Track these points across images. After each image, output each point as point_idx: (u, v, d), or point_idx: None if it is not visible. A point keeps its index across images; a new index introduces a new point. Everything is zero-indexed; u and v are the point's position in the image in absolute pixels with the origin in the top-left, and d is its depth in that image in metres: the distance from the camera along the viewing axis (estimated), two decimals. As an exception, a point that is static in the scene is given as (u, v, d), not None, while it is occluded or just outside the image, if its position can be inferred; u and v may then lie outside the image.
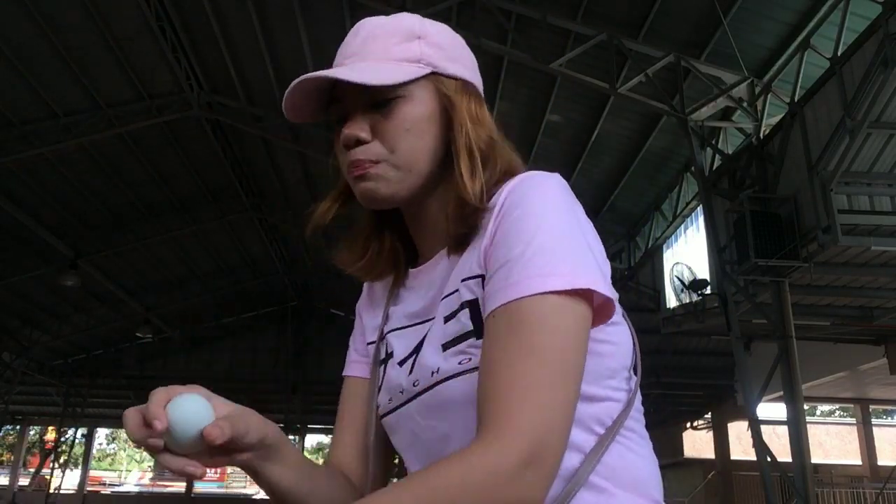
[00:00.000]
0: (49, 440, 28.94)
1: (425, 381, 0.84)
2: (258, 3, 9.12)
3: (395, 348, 0.92)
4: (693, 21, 7.94)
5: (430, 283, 0.91)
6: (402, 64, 0.88)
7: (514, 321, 0.73)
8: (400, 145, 0.86)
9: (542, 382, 0.70)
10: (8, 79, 9.69)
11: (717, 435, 16.99)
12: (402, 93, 0.87)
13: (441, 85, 0.89)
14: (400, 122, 0.86)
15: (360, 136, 0.87)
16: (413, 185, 0.88)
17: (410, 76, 0.87)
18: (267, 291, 19.90)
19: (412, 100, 0.87)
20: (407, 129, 0.86)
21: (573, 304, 0.74)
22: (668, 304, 11.16)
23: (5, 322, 16.94)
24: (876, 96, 6.05)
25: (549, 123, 9.88)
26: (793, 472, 7.24)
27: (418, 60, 0.89)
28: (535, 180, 0.82)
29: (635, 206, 11.87)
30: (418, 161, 0.87)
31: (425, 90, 0.88)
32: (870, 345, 11.26)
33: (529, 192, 0.80)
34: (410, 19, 0.92)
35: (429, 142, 0.88)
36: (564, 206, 0.80)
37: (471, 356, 0.79)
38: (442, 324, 0.85)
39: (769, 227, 7.32)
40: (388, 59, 0.88)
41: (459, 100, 0.90)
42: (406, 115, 0.87)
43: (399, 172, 0.87)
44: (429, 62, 0.89)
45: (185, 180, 13.26)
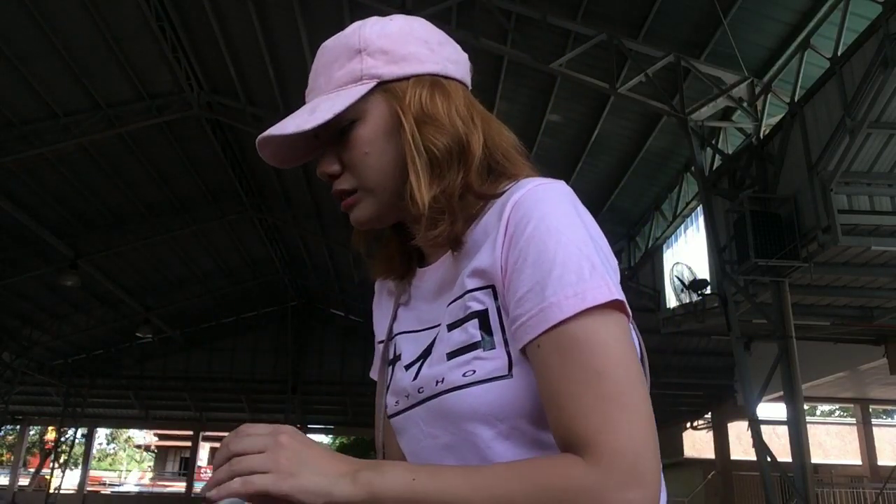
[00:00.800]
0: (49, 440, 28.96)
1: (430, 389, 0.83)
2: (258, 3, 9.12)
3: (403, 351, 0.92)
4: (693, 21, 7.94)
5: (438, 287, 0.90)
6: (345, 88, 0.86)
7: (565, 346, 0.72)
8: (364, 170, 0.86)
9: (621, 402, 0.70)
10: (8, 79, 9.70)
11: (717, 435, 16.99)
12: (354, 116, 0.86)
13: (390, 93, 0.87)
14: (358, 148, 0.86)
15: (329, 171, 0.88)
16: (387, 204, 0.88)
17: (349, 100, 0.85)
18: (267, 291, 19.91)
19: (365, 120, 0.86)
20: (366, 152, 0.86)
21: (614, 316, 0.74)
22: (668, 304, 11.16)
23: (5, 322, 16.95)
24: (876, 96, 6.05)
25: (549, 123, 9.88)
26: (793, 472, 7.24)
27: (360, 78, 0.87)
28: (545, 192, 0.80)
29: (635, 206, 11.87)
30: (385, 179, 0.86)
31: (376, 104, 0.86)
32: (870, 345, 11.26)
33: (540, 206, 0.79)
34: (352, 34, 0.89)
35: (391, 157, 0.86)
36: (577, 218, 0.79)
37: (475, 369, 0.79)
38: (447, 331, 0.84)
39: (769, 227, 7.31)
40: (332, 88, 0.87)
41: (407, 102, 0.86)
42: (361, 138, 0.86)
43: (373, 195, 0.87)
44: (372, 74, 0.87)
45: (185, 180, 13.27)
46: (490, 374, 0.78)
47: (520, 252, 0.77)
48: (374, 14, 0.95)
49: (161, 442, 39.58)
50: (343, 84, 0.87)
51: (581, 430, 0.69)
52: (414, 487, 0.70)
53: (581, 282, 0.73)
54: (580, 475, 0.67)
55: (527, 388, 0.77)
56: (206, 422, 23.62)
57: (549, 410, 0.73)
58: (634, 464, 0.67)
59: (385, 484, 0.70)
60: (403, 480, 0.70)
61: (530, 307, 0.74)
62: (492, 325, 0.80)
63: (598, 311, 0.73)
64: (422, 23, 0.92)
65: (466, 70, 0.94)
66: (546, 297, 0.73)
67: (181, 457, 38.37)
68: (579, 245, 0.76)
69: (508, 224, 0.79)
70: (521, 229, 0.78)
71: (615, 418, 0.69)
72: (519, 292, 0.76)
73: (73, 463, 27.40)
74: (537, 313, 0.73)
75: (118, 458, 42.96)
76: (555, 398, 0.72)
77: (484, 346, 0.80)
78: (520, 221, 0.78)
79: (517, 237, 0.78)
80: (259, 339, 21.66)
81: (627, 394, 0.70)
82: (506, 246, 0.79)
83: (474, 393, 0.78)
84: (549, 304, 0.73)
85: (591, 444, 0.68)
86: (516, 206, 0.80)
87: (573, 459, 0.69)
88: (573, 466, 0.68)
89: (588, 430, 0.69)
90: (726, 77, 8.21)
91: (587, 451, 0.68)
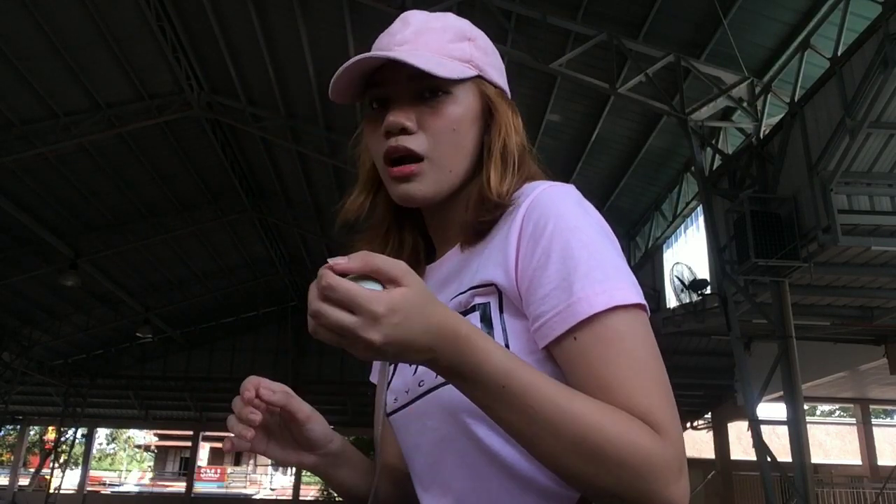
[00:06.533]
0: (49, 440, 28.94)
1: (429, 382, 0.84)
2: (258, 2, 9.12)
3: None
4: (693, 21, 7.94)
5: (443, 282, 0.91)
6: (454, 62, 0.88)
7: (608, 337, 0.73)
8: (444, 144, 0.87)
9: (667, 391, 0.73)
10: (8, 79, 9.69)
11: (717, 435, 17.00)
12: (452, 90, 0.87)
13: (485, 89, 0.91)
14: (447, 121, 0.86)
15: (406, 124, 0.85)
16: (452, 186, 0.89)
17: (465, 74, 0.88)
18: (267, 291, 19.90)
19: (457, 99, 0.88)
20: (454, 128, 0.87)
21: (642, 316, 0.76)
22: (668, 304, 11.16)
23: (5, 322, 16.94)
24: (876, 96, 6.05)
25: (549, 123, 9.88)
26: (793, 472, 7.24)
27: (469, 61, 0.90)
28: (558, 193, 0.83)
29: (635, 206, 11.87)
30: (459, 162, 0.88)
31: (470, 92, 0.89)
32: (870, 345, 11.26)
33: (557, 205, 0.80)
34: (459, 20, 0.93)
35: (469, 143, 0.89)
36: (591, 217, 0.81)
37: None
38: None
39: (769, 227, 7.31)
40: (442, 54, 0.88)
41: (500, 106, 0.91)
42: (453, 114, 0.87)
43: (440, 173, 0.87)
44: (477, 65, 0.90)
45: (185, 180, 13.27)
46: None
47: (542, 250, 0.77)
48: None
49: (161, 442, 39.55)
50: (453, 56, 0.89)
51: (648, 407, 0.70)
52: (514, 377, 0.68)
53: (607, 280, 0.75)
54: (660, 449, 0.68)
55: None
56: (206, 422, 23.60)
57: (596, 393, 0.72)
58: (684, 455, 0.71)
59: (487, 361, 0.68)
60: (504, 365, 0.69)
61: (557, 303, 0.75)
62: (492, 319, 0.81)
63: (627, 309, 0.74)
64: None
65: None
66: (574, 292, 0.74)
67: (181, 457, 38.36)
68: (599, 244, 0.78)
69: (524, 225, 0.80)
70: (540, 228, 0.79)
71: (672, 408, 0.72)
72: (543, 289, 0.76)
73: (73, 463, 27.39)
74: (565, 308, 0.74)
75: (118, 458, 42.94)
76: (606, 380, 0.72)
77: None
78: (538, 221, 0.79)
79: (537, 236, 0.78)
80: (259, 339, 21.65)
81: (670, 391, 0.74)
82: (523, 244, 0.80)
83: None
84: (577, 299, 0.74)
85: (661, 423, 0.70)
86: (531, 208, 0.81)
87: (651, 431, 0.69)
88: (653, 436, 0.69)
89: (654, 409, 0.70)
90: (726, 77, 8.21)
91: (657, 429, 0.70)
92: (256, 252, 17.17)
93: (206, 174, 13.32)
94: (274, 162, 13.27)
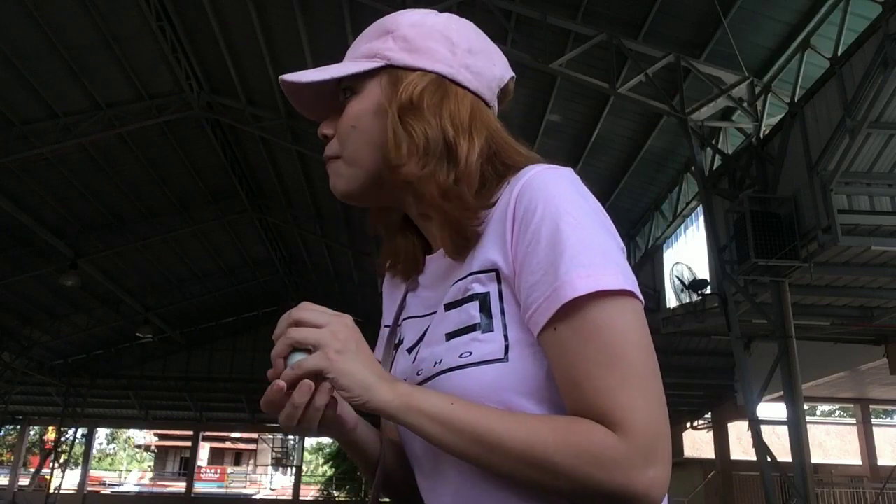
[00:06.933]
0: (49, 440, 28.94)
1: (427, 370, 0.83)
2: (258, 3, 9.12)
3: (406, 335, 0.93)
4: (693, 21, 7.94)
5: (443, 273, 0.90)
6: (358, 61, 0.90)
7: (585, 330, 0.72)
8: (346, 142, 0.89)
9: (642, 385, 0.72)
10: (8, 79, 9.70)
11: (717, 435, 17.00)
12: (356, 89, 0.89)
13: (394, 78, 0.88)
14: (347, 119, 0.89)
15: (324, 132, 0.92)
16: (363, 181, 0.89)
17: (349, 70, 0.89)
18: (267, 291, 19.91)
19: (362, 95, 0.89)
20: (353, 125, 0.88)
21: (630, 303, 0.74)
22: (668, 304, 11.16)
23: (5, 322, 16.95)
24: (876, 96, 6.05)
25: (549, 123, 9.88)
26: (793, 472, 7.24)
27: (373, 56, 0.89)
28: (552, 175, 0.80)
29: (635, 206, 11.87)
30: (362, 156, 0.88)
31: (377, 84, 0.89)
32: (870, 345, 11.26)
33: (547, 189, 0.78)
34: (391, 17, 0.92)
35: (374, 136, 0.87)
36: (584, 201, 0.79)
37: (472, 350, 0.79)
38: (444, 311, 0.85)
39: (769, 227, 7.31)
40: (351, 58, 0.92)
41: (400, 91, 0.86)
42: (352, 111, 0.89)
43: (350, 168, 0.89)
44: (385, 56, 0.89)
45: (185, 180, 13.27)
46: (486, 356, 0.78)
47: (532, 235, 0.76)
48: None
49: (161, 442, 39.57)
50: (360, 57, 0.91)
51: (607, 407, 0.70)
52: (451, 409, 0.72)
53: (593, 265, 0.73)
54: (613, 445, 0.69)
55: (522, 372, 0.77)
56: (206, 422, 23.63)
57: (568, 390, 0.73)
58: (655, 444, 0.70)
59: (424, 400, 0.73)
60: (442, 402, 0.73)
61: (545, 289, 0.74)
62: (492, 309, 0.80)
63: (614, 296, 0.73)
64: (464, 26, 0.93)
65: (491, 87, 0.93)
66: (559, 275, 0.73)
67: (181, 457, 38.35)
68: (590, 228, 0.77)
69: (517, 208, 0.79)
70: (530, 213, 0.77)
71: (639, 400, 0.70)
72: (534, 276, 0.75)
73: (73, 463, 27.39)
74: (551, 293, 0.73)
75: (118, 458, 42.95)
76: (576, 378, 0.72)
77: (482, 329, 0.79)
78: (528, 205, 0.78)
79: (527, 221, 0.77)
80: (259, 340, 21.65)
81: (647, 378, 0.72)
82: (516, 230, 0.78)
83: (469, 375, 0.78)
84: (561, 282, 0.72)
85: (618, 420, 0.70)
86: (522, 191, 0.79)
87: (604, 429, 0.70)
88: (606, 436, 0.69)
89: (614, 408, 0.70)
90: (726, 77, 8.21)
91: (614, 427, 0.70)
92: (256, 252, 17.17)
93: (206, 174, 13.32)
94: (274, 162, 13.27)
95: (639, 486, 0.68)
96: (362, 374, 0.73)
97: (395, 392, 0.74)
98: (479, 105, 0.90)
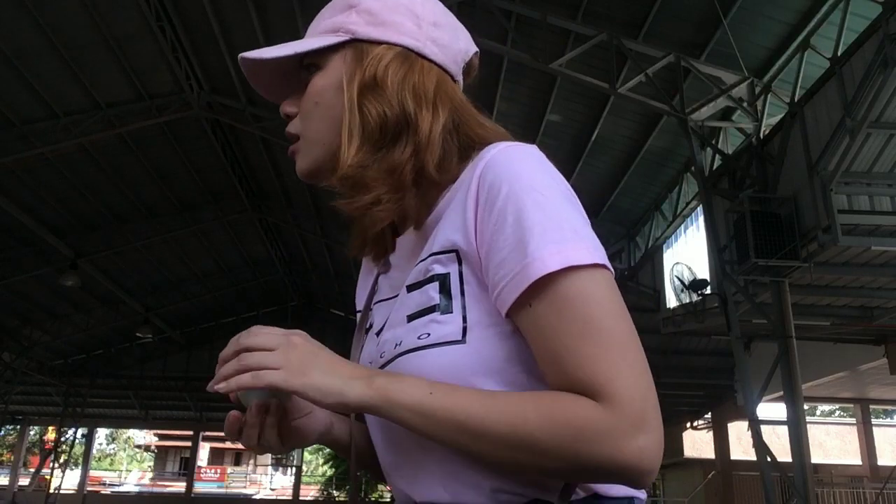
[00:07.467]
0: (49, 440, 28.94)
1: (389, 352, 0.82)
2: (258, 3, 9.12)
3: (375, 319, 0.92)
4: (693, 21, 7.94)
5: (408, 255, 0.89)
6: (322, 35, 0.88)
7: (559, 303, 0.71)
8: (308, 120, 0.87)
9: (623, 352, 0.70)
10: (8, 79, 9.69)
11: (717, 435, 17.00)
12: (320, 64, 0.87)
13: (357, 52, 0.86)
14: (309, 96, 0.87)
15: (286, 111, 0.90)
16: (324, 159, 0.87)
17: (311, 46, 0.86)
18: (267, 291, 19.91)
19: (325, 71, 0.87)
20: (315, 102, 0.86)
21: (601, 273, 0.73)
22: (668, 304, 11.16)
23: (5, 322, 16.95)
24: (876, 96, 6.05)
25: (549, 123, 9.88)
26: (793, 472, 7.24)
27: (338, 29, 0.87)
28: (516, 153, 0.79)
29: (635, 206, 11.86)
30: (325, 134, 0.86)
31: (341, 59, 0.86)
32: (870, 345, 11.27)
33: (513, 166, 0.77)
34: None
35: (337, 112, 0.85)
36: (550, 177, 0.78)
37: (430, 332, 0.78)
38: (406, 293, 0.84)
39: (769, 227, 7.31)
40: (313, 33, 0.89)
41: (364, 65, 0.85)
42: (314, 87, 0.87)
43: (311, 147, 0.87)
44: (348, 30, 0.87)
45: (185, 180, 13.27)
46: (443, 338, 0.77)
47: (498, 213, 0.75)
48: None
49: (161, 442, 39.56)
50: (323, 32, 0.88)
51: (589, 378, 0.69)
52: (430, 400, 0.71)
53: (564, 241, 0.72)
54: (597, 417, 0.67)
55: (480, 354, 0.76)
56: (206, 422, 23.61)
57: (549, 366, 0.72)
58: (643, 410, 0.68)
59: (401, 391, 0.72)
60: (420, 391, 0.72)
61: (513, 266, 0.73)
62: (451, 290, 0.79)
63: (584, 269, 0.72)
64: (432, 1, 0.91)
65: (456, 60, 0.92)
66: (528, 253, 0.72)
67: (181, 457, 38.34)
68: (557, 204, 0.75)
69: (480, 187, 0.78)
70: (495, 191, 0.76)
71: (621, 367, 0.69)
72: (500, 254, 0.74)
73: (73, 463, 27.39)
74: (521, 270, 0.72)
75: (118, 458, 42.94)
76: (555, 352, 0.71)
77: (441, 310, 0.78)
78: (493, 183, 0.76)
79: (492, 199, 0.76)
80: (259, 340, 21.59)
81: (627, 345, 0.70)
82: (480, 209, 0.77)
83: (427, 356, 0.77)
84: (531, 259, 0.71)
85: (602, 390, 0.68)
86: (486, 169, 0.78)
87: (587, 401, 0.68)
88: (589, 407, 0.68)
89: (597, 377, 0.69)
90: (726, 77, 8.21)
91: (598, 397, 0.68)
92: (256, 252, 17.16)
93: (206, 174, 13.32)
94: (274, 162, 13.26)
95: (628, 455, 0.67)
96: (327, 380, 0.72)
97: (370, 387, 0.72)
98: (445, 78, 0.89)
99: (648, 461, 0.68)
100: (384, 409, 0.72)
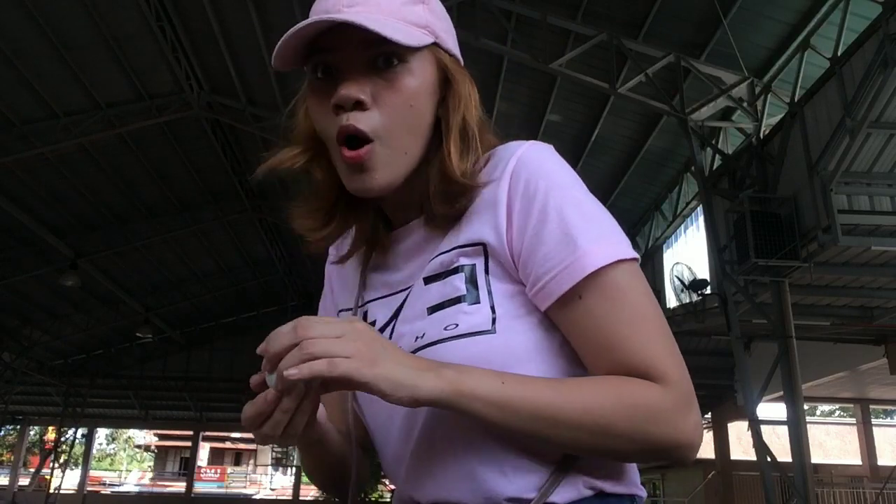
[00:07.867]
0: (49, 440, 28.93)
1: (408, 346, 0.80)
2: (258, 3, 9.12)
3: (376, 317, 0.89)
4: (693, 21, 7.94)
5: (413, 250, 0.87)
6: (411, 27, 0.78)
7: (612, 293, 0.75)
8: (399, 122, 0.77)
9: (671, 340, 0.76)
10: (8, 79, 9.69)
11: (717, 435, 16.99)
12: (409, 59, 0.78)
13: (442, 57, 0.82)
14: (404, 96, 0.77)
15: (360, 98, 0.76)
16: (409, 170, 0.80)
17: (423, 41, 0.78)
18: (267, 291, 19.89)
19: (413, 70, 0.78)
20: (410, 104, 0.78)
21: (638, 268, 0.78)
22: (668, 304, 11.16)
23: (5, 322, 16.95)
24: (876, 96, 6.05)
25: (549, 123, 9.88)
26: (793, 472, 7.24)
27: (426, 26, 0.80)
28: (543, 151, 0.82)
29: (635, 206, 11.87)
30: (414, 141, 0.79)
31: (426, 61, 0.80)
32: (870, 345, 11.26)
33: (545, 164, 0.81)
34: None
35: (426, 120, 0.80)
36: (578, 179, 0.83)
37: (458, 322, 0.77)
38: (423, 285, 0.82)
39: (769, 227, 7.32)
40: (396, 17, 0.78)
41: (458, 76, 0.83)
42: (410, 87, 0.78)
43: (394, 155, 0.78)
44: (433, 30, 0.81)
45: (185, 180, 13.27)
46: (473, 328, 0.77)
47: (540, 207, 0.77)
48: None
49: (161, 442, 39.55)
50: (409, 21, 0.79)
51: (647, 362, 0.73)
52: (504, 390, 0.71)
53: (608, 235, 0.77)
54: (660, 398, 0.72)
55: (509, 343, 0.77)
56: (206, 422, 23.61)
57: (601, 353, 0.75)
58: (690, 389, 0.74)
59: (474, 383, 0.70)
60: (493, 382, 0.71)
61: (563, 258, 0.75)
62: (478, 281, 0.79)
63: (627, 262, 0.76)
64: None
65: None
66: (579, 246, 0.75)
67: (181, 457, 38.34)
68: (591, 202, 0.80)
69: (513, 181, 0.79)
70: (532, 187, 0.78)
71: (671, 350, 0.75)
72: (546, 246, 0.76)
73: (73, 463, 27.39)
74: (571, 263, 0.75)
75: (118, 458, 42.94)
76: (609, 340, 0.74)
77: (468, 300, 0.78)
78: (528, 180, 0.79)
79: (530, 196, 0.78)
80: (259, 340, 21.07)
81: (668, 331, 0.77)
82: (516, 203, 0.78)
83: (456, 347, 0.76)
84: (583, 252, 0.74)
85: (659, 373, 0.73)
86: (520, 164, 0.80)
87: (649, 383, 0.73)
88: (653, 389, 0.72)
89: (653, 361, 0.73)
90: (726, 77, 8.21)
91: (657, 379, 0.73)
92: (256, 252, 17.16)
93: (205, 174, 13.32)
94: (274, 162, 13.27)
95: (687, 432, 0.72)
96: (399, 371, 0.68)
97: (443, 380, 0.69)
98: None
99: (699, 436, 0.74)
100: (456, 402, 0.69)
